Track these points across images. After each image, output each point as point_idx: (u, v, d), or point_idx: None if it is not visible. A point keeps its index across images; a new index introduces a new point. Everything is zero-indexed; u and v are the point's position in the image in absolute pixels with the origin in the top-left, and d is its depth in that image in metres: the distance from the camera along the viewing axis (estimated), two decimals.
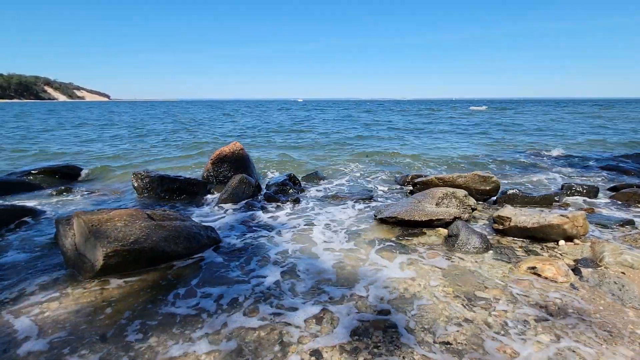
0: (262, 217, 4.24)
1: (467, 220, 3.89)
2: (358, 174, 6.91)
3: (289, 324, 2.14)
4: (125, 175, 6.56)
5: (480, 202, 4.78)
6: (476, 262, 2.97)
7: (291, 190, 5.39)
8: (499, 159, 8.60)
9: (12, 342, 1.98)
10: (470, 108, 40.00)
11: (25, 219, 3.95)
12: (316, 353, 1.90)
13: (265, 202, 4.81)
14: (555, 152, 9.23)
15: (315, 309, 2.30)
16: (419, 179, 5.31)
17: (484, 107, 40.59)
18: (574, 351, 1.89)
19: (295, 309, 2.30)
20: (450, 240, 3.32)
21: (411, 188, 5.51)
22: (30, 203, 4.72)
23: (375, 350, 1.91)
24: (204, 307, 2.33)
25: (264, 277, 2.74)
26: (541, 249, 3.23)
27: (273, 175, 6.75)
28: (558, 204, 4.68)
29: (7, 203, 4.68)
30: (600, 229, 3.72)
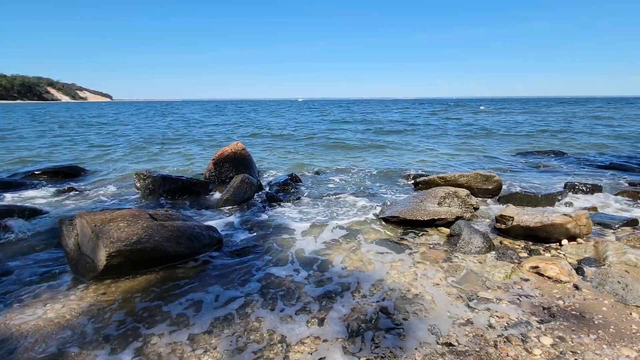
0: (264, 216, 4.24)
1: (469, 220, 3.88)
2: (360, 174, 6.90)
3: (291, 324, 2.15)
4: (128, 176, 6.58)
5: (483, 202, 4.77)
6: (478, 261, 2.96)
7: (293, 190, 5.40)
8: (500, 159, 8.58)
9: (16, 343, 1.99)
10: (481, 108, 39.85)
11: (29, 219, 3.97)
12: (318, 354, 1.90)
13: (267, 201, 4.82)
14: (557, 151, 9.17)
15: (317, 309, 2.30)
16: (421, 178, 5.30)
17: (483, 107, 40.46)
18: (576, 352, 1.88)
19: (297, 309, 2.30)
20: (453, 240, 3.31)
21: (413, 187, 5.50)
22: (33, 203, 4.75)
23: (377, 350, 1.91)
24: (207, 308, 2.33)
25: (266, 276, 2.75)
26: (544, 249, 3.22)
27: (275, 175, 6.76)
28: (561, 203, 4.66)
29: (11, 203, 4.72)
30: (603, 228, 3.69)
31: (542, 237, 3.31)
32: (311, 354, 1.90)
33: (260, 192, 5.26)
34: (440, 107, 45.69)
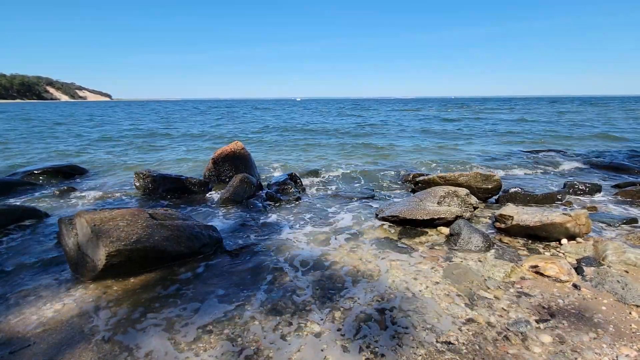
0: (263, 216, 4.24)
1: (468, 219, 3.87)
2: (359, 173, 6.90)
3: (291, 324, 2.15)
4: (128, 175, 6.57)
5: (482, 201, 4.77)
6: (478, 261, 2.96)
7: (292, 190, 5.39)
8: (500, 158, 8.58)
9: (15, 343, 1.99)
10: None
11: (28, 218, 3.96)
12: (317, 353, 1.90)
13: (267, 201, 4.81)
14: (557, 150, 9.18)
15: (317, 308, 2.30)
16: (421, 178, 5.30)
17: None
18: (576, 351, 1.89)
19: (296, 308, 2.30)
20: (452, 239, 3.31)
21: (413, 187, 5.50)
22: (33, 203, 4.75)
23: (377, 350, 1.91)
24: (206, 307, 2.33)
25: (265, 276, 2.75)
26: (543, 248, 3.22)
27: (274, 174, 6.76)
28: (560, 202, 4.66)
29: (10, 203, 4.71)
30: (603, 227, 3.70)
31: (541, 236, 3.32)
32: (311, 353, 1.90)
33: (260, 192, 5.26)
34: (440, 106, 45.69)
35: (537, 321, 2.14)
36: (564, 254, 3.09)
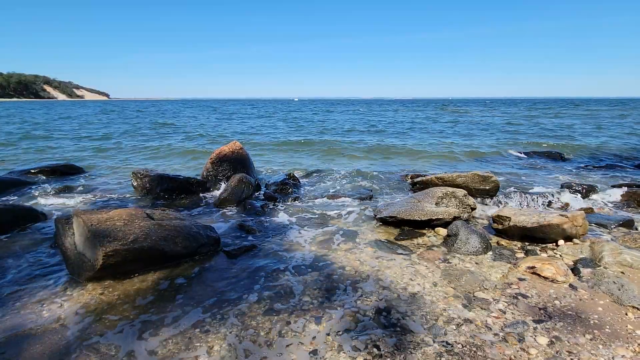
0: (262, 216, 4.24)
1: (466, 220, 3.88)
2: (358, 173, 6.90)
3: (289, 323, 2.15)
4: (125, 175, 6.55)
5: (480, 202, 4.78)
6: (475, 262, 2.97)
7: (291, 190, 5.39)
8: (498, 159, 8.61)
9: (12, 344, 1.98)
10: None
11: (25, 218, 3.94)
12: (316, 352, 1.90)
13: (265, 201, 4.81)
14: (554, 152, 9.21)
15: (314, 309, 2.30)
16: (419, 179, 5.31)
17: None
18: (572, 352, 1.89)
19: (294, 309, 2.30)
20: (450, 240, 3.32)
21: (411, 187, 5.51)
22: (30, 202, 4.72)
23: (375, 350, 1.92)
24: (204, 307, 2.33)
25: (263, 276, 2.74)
26: (540, 249, 3.23)
27: (273, 175, 6.75)
28: (558, 203, 4.68)
29: (6, 202, 4.68)
30: (599, 228, 3.72)
31: (538, 237, 3.33)
32: (309, 353, 1.90)
33: (258, 192, 5.25)
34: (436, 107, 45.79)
35: (534, 322, 2.15)
36: (560, 255, 3.10)
